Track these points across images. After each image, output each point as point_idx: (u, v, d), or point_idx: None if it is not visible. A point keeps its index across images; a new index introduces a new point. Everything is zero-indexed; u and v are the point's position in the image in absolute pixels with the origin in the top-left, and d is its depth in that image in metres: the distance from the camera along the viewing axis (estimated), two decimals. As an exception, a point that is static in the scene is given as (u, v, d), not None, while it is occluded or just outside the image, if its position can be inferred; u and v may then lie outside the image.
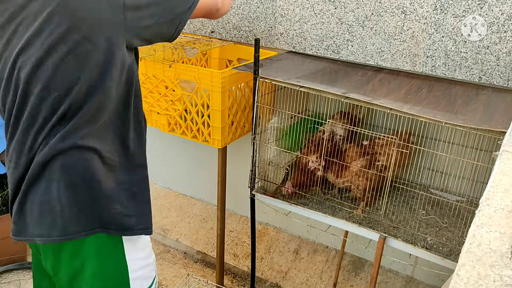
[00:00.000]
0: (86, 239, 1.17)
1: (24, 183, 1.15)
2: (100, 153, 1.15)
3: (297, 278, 2.42)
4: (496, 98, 1.64)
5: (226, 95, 1.82)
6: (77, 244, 1.18)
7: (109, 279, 1.22)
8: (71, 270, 1.20)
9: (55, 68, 1.07)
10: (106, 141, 1.17)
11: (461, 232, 1.64)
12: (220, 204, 2.09)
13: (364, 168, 1.70)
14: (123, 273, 1.23)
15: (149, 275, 1.31)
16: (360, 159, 1.71)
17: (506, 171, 0.84)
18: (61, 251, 1.18)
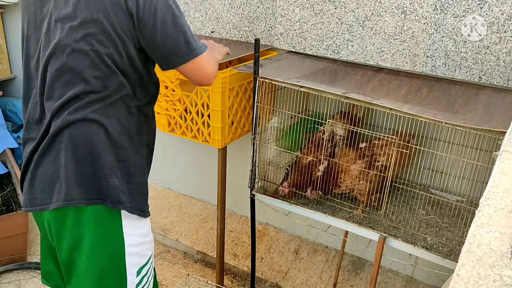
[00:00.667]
0: (87, 208, 1.23)
1: (36, 155, 1.25)
2: (106, 129, 1.23)
3: (297, 278, 2.42)
4: (496, 98, 1.64)
5: (226, 95, 1.82)
6: (79, 214, 1.24)
7: (106, 251, 1.27)
8: (73, 239, 1.26)
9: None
10: (114, 119, 1.25)
11: (461, 232, 1.64)
12: (220, 204, 2.09)
13: (364, 169, 1.70)
14: (119, 246, 1.28)
15: (144, 253, 1.35)
16: (359, 161, 1.71)
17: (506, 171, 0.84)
18: (64, 220, 1.25)
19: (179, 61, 1.26)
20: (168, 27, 1.22)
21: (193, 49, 1.26)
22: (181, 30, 1.24)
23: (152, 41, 1.23)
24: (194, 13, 2.32)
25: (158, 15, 1.20)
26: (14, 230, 2.40)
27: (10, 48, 3.24)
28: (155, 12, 1.19)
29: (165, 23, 1.21)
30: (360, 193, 1.72)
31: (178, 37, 1.24)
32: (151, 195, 2.96)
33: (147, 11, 1.19)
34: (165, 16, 1.21)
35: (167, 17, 1.21)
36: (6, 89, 3.38)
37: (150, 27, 1.20)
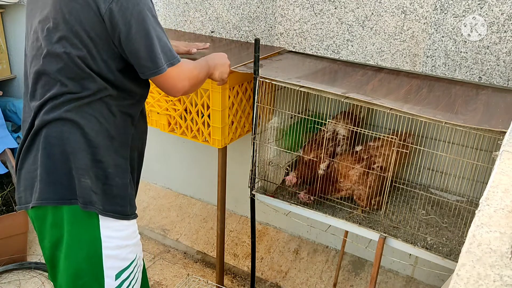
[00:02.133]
0: (63, 208, 1.24)
1: (21, 154, 1.28)
2: (82, 128, 1.23)
3: (297, 278, 2.42)
4: (496, 98, 1.64)
5: (226, 95, 1.82)
6: (57, 213, 1.25)
7: (82, 251, 1.27)
8: (53, 238, 1.28)
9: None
10: (92, 119, 1.24)
11: (461, 232, 1.64)
12: (220, 204, 2.09)
13: (362, 175, 1.70)
14: (96, 247, 1.27)
15: (126, 256, 1.33)
16: (357, 166, 1.71)
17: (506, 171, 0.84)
18: (45, 219, 1.27)
19: (148, 74, 1.25)
20: (137, 41, 1.20)
21: (158, 66, 1.24)
22: (149, 46, 1.21)
23: (123, 50, 1.22)
24: (194, 13, 2.32)
25: (130, 28, 1.18)
26: (14, 230, 2.40)
27: (10, 48, 3.24)
28: (126, 25, 1.18)
29: (135, 37, 1.19)
30: (360, 198, 1.72)
31: (145, 54, 1.21)
32: (151, 195, 2.96)
33: (120, 22, 1.17)
34: (136, 30, 1.19)
35: (138, 31, 1.19)
36: (6, 89, 3.38)
37: (122, 37, 1.19)
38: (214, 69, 1.56)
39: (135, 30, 1.18)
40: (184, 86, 1.33)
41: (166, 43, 1.26)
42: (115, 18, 1.17)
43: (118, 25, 1.17)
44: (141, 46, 1.20)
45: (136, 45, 1.20)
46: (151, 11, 1.22)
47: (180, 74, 1.31)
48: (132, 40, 1.19)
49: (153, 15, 1.23)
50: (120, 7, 1.16)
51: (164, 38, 1.26)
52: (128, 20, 1.17)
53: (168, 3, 2.38)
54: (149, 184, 3.04)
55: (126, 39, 1.19)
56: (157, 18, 1.25)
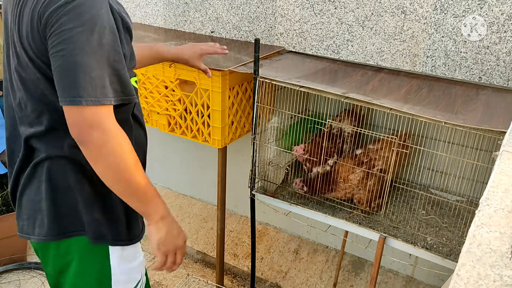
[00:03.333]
0: (71, 240, 1.20)
1: (21, 183, 1.21)
2: (81, 163, 1.14)
3: (297, 278, 2.42)
4: (496, 98, 1.64)
5: (226, 95, 1.82)
6: (63, 244, 1.21)
7: (91, 279, 1.23)
8: (58, 267, 1.25)
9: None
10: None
11: (461, 232, 1.64)
12: (220, 204, 2.09)
13: (363, 178, 1.70)
14: (105, 275, 1.23)
15: (134, 277, 1.30)
16: (357, 170, 1.71)
17: (506, 171, 0.84)
18: (48, 249, 1.23)
19: (60, 100, 1.02)
20: (64, 58, 0.99)
21: (74, 95, 0.99)
22: (79, 66, 0.99)
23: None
24: (194, 13, 2.32)
25: (62, 44, 0.99)
26: (14, 230, 2.37)
27: (10, 48, 3.24)
28: (60, 39, 0.99)
29: (63, 52, 0.99)
30: (360, 201, 1.72)
31: (69, 72, 0.99)
32: (151, 195, 2.96)
33: (54, 35, 0.99)
34: (67, 46, 0.98)
35: (69, 47, 0.99)
36: (6, 89, 3.37)
37: (51, 48, 1.01)
38: (154, 220, 1.17)
39: (65, 48, 0.99)
40: (90, 140, 1.03)
41: (102, 75, 1.01)
42: (50, 29, 1.00)
43: (51, 39, 1.00)
44: (65, 67, 1.00)
45: (62, 62, 1.00)
46: (96, 37, 1.00)
47: (100, 120, 1.02)
48: (59, 56, 1.00)
49: (93, 41, 1.00)
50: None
51: (101, 70, 1.01)
52: (63, 39, 0.99)
53: (168, 3, 2.38)
54: (149, 184, 3.04)
55: (54, 54, 1.01)
56: (101, 44, 1.01)
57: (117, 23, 1.06)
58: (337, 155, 1.82)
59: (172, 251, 1.22)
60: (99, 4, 1.01)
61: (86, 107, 1.00)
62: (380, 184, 1.70)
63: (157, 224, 1.17)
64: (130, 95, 1.10)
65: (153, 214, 1.16)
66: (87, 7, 0.99)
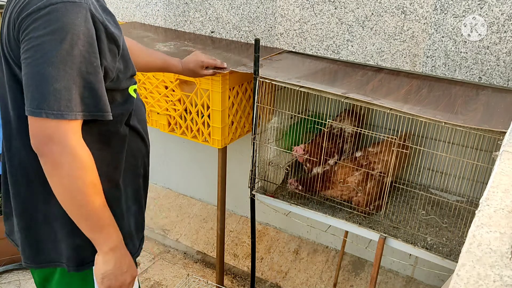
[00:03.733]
0: (50, 269, 1.21)
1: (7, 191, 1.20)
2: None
3: (297, 278, 2.42)
4: (496, 98, 1.64)
5: (226, 95, 1.82)
6: (46, 271, 1.22)
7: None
8: (42, 276, 1.25)
9: None
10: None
11: (461, 232, 1.64)
12: (220, 204, 2.09)
13: (361, 183, 1.70)
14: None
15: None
16: (356, 173, 1.71)
17: (506, 171, 0.84)
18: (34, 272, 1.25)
19: (26, 108, 0.97)
20: (30, 66, 0.95)
21: (35, 107, 0.95)
22: (43, 76, 0.94)
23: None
24: (194, 13, 2.32)
25: (34, 50, 0.95)
26: (14, 230, 2.39)
27: (10, 48, 3.24)
28: (28, 47, 0.96)
29: (29, 60, 0.96)
30: (358, 204, 1.72)
31: (33, 81, 0.95)
32: (151, 195, 2.96)
33: (24, 41, 0.97)
34: (34, 54, 0.95)
35: (38, 55, 0.95)
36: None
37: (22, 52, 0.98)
38: (103, 250, 1.09)
39: (33, 56, 0.96)
40: (47, 154, 0.98)
41: (69, 88, 0.96)
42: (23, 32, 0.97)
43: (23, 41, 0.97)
44: (32, 72, 0.96)
45: (29, 68, 0.97)
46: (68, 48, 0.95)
47: (59, 135, 0.97)
48: (27, 62, 0.97)
49: (65, 51, 0.95)
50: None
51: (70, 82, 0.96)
52: (35, 43, 0.96)
53: (168, 3, 2.38)
54: (149, 184, 3.04)
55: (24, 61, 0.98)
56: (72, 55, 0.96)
57: (98, 33, 1.00)
58: (338, 155, 1.82)
59: (115, 287, 1.12)
60: (74, 13, 0.96)
61: (46, 120, 0.95)
62: (379, 187, 1.70)
63: (106, 255, 1.08)
64: (103, 111, 1.02)
65: (102, 243, 1.07)
66: (59, 15, 0.94)
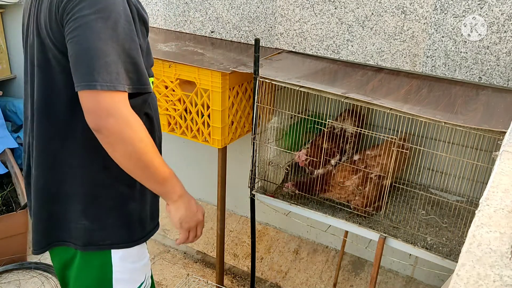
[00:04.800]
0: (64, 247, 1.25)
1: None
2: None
3: (297, 278, 2.42)
4: (496, 98, 1.64)
5: (226, 95, 1.82)
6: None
7: (92, 275, 1.25)
8: (62, 260, 1.28)
9: None
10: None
11: (461, 232, 1.64)
12: (220, 204, 2.09)
13: (359, 186, 1.70)
14: (107, 272, 1.24)
15: (136, 278, 1.29)
16: (354, 177, 1.71)
17: (506, 171, 0.84)
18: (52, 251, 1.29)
19: (76, 87, 1.01)
20: (79, 44, 1.00)
21: (89, 80, 0.98)
22: (95, 50, 0.99)
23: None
24: (194, 13, 2.32)
25: (77, 24, 1.00)
26: (14, 230, 2.40)
27: (10, 48, 3.24)
28: (75, 25, 1.00)
29: (78, 38, 1.00)
30: (356, 207, 1.72)
31: (85, 56, 0.99)
32: (151, 195, 2.96)
33: (70, 21, 1.01)
34: (82, 32, 1.00)
35: (85, 32, 0.99)
36: (6, 89, 3.38)
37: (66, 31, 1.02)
38: (173, 199, 1.21)
39: (81, 33, 1.00)
40: (106, 127, 1.02)
41: (117, 62, 1.01)
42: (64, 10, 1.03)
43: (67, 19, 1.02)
44: (80, 48, 1.00)
45: (77, 46, 1.01)
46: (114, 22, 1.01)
47: (114, 106, 1.01)
48: (74, 40, 1.01)
49: (112, 25, 1.01)
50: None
51: (115, 56, 1.01)
52: (78, 18, 1.01)
53: (168, 3, 2.38)
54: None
55: (68, 37, 1.03)
56: (117, 32, 1.02)
57: (132, 14, 1.08)
58: (340, 155, 1.82)
59: (193, 227, 1.24)
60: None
61: (101, 92, 0.99)
62: (377, 189, 1.70)
63: (176, 203, 1.21)
64: (145, 85, 1.10)
65: (171, 194, 1.21)
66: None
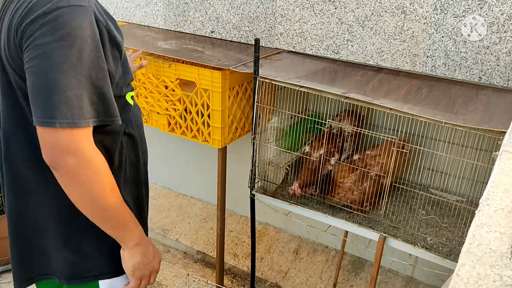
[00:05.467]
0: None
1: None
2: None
3: (297, 278, 2.42)
4: (496, 98, 1.64)
5: (226, 95, 1.82)
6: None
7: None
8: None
9: None
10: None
11: (461, 232, 1.64)
12: (220, 204, 2.09)
13: (357, 183, 1.70)
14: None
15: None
16: (351, 175, 1.71)
17: (506, 171, 0.84)
18: None
19: (33, 119, 0.94)
20: (38, 74, 0.92)
21: (48, 117, 0.91)
22: (54, 83, 0.91)
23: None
24: (194, 13, 2.32)
25: (38, 54, 0.91)
26: (14, 230, 2.39)
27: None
28: (35, 54, 0.92)
29: (37, 68, 0.92)
30: (354, 204, 1.72)
31: (43, 90, 0.91)
32: (151, 195, 2.96)
33: (29, 49, 0.93)
34: (42, 62, 0.91)
35: (45, 62, 0.91)
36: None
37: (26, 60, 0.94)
38: (128, 246, 1.10)
39: (40, 63, 0.92)
40: (63, 166, 0.95)
41: (80, 95, 0.93)
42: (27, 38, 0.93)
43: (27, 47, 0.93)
44: (40, 81, 0.92)
45: (35, 76, 0.93)
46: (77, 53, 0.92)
47: (74, 145, 0.94)
48: (33, 68, 0.93)
49: (76, 58, 0.92)
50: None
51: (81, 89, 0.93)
52: (41, 49, 0.92)
53: (168, 3, 2.38)
54: (149, 184, 3.04)
55: (28, 65, 0.94)
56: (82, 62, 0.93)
57: (102, 36, 0.98)
58: (339, 154, 1.82)
59: (146, 275, 1.16)
60: (82, 16, 0.93)
61: (60, 130, 0.92)
62: (376, 188, 1.70)
63: (131, 250, 1.11)
64: (113, 116, 1.01)
65: (128, 240, 1.10)
66: (66, 19, 0.91)
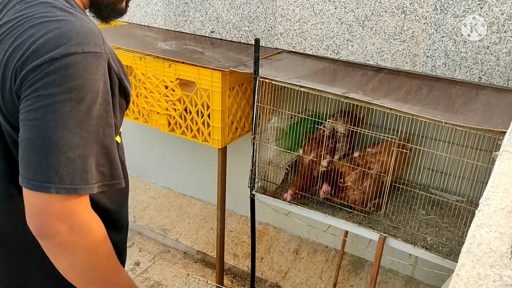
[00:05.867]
0: None
1: None
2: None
3: (297, 278, 2.42)
4: (496, 98, 1.64)
5: (226, 95, 1.82)
6: None
7: None
8: None
9: None
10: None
11: (461, 232, 1.64)
12: (220, 204, 2.09)
13: (357, 181, 1.69)
14: None
15: None
16: (352, 173, 1.71)
17: (506, 171, 0.84)
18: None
19: (22, 179, 0.79)
20: (37, 130, 0.77)
21: (42, 180, 0.77)
22: (55, 142, 0.76)
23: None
24: (194, 13, 2.32)
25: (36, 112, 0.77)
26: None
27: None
28: (35, 106, 0.77)
29: (36, 121, 0.77)
30: (355, 203, 1.72)
31: (41, 148, 0.77)
32: (151, 195, 2.97)
33: (29, 99, 0.78)
34: (43, 115, 0.77)
35: (43, 123, 0.77)
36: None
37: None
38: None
39: (39, 118, 0.78)
40: (53, 235, 0.79)
41: (85, 156, 0.79)
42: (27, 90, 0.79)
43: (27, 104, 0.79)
44: (34, 141, 0.78)
45: (30, 136, 0.79)
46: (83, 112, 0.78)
47: (71, 212, 0.80)
48: (28, 128, 0.79)
49: (78, 116, 0.78)
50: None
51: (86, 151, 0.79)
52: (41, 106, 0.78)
53: (168, 3, 2.38)
54: (148, 184, 3.04)
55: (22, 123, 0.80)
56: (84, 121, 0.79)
57: (112, 86, 0.85)
58: (330, 156, 1.81)
59: None
60: (96, 66, 0.79)
61: (55, 196, 0.77)
62: (377, 186, 1.70)
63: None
64: (118, 179, 0.87)
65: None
66: (79, 69, 0.77)
